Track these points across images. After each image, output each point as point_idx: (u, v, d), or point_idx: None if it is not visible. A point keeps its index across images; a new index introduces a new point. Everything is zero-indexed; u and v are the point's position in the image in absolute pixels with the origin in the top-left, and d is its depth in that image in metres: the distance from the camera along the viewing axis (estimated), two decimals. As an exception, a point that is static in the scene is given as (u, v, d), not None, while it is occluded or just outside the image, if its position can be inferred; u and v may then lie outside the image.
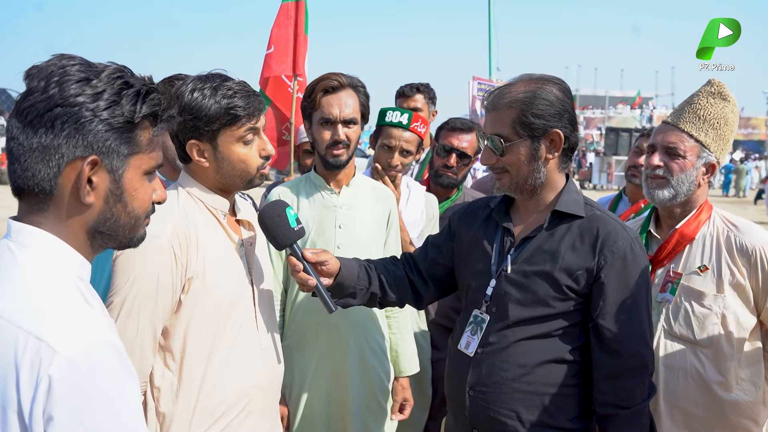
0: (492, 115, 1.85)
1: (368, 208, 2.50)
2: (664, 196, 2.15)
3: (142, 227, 1.22)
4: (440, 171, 3.13)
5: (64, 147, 1.06)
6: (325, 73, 2.41)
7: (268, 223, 1.84)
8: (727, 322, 2.06)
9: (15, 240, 1.09)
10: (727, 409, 2.08)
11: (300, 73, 4.34)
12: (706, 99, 2.16)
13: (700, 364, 2.08)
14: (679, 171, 2.13)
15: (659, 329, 2.13)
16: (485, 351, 1.85)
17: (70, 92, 1.06)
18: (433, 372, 3.02)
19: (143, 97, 1.12)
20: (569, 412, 1.82)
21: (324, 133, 2.38)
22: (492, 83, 7.80)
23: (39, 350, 0.96)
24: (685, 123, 2.15)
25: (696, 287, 2.10)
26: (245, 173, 1.78)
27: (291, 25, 4.27)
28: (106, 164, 1.10)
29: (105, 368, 1.00)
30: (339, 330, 2.37)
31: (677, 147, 2.14)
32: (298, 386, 2.40)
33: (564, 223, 1.84)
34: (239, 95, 1.72)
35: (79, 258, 1.13)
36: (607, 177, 24.73)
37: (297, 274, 1.85)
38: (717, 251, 2.11)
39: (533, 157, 1.82)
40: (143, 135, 1.14)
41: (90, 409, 0.97)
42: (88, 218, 1.12)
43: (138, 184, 1.16)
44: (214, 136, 1.73)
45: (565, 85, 1.88)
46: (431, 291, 2.11)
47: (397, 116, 2.87)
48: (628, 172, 3.61)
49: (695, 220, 2.16)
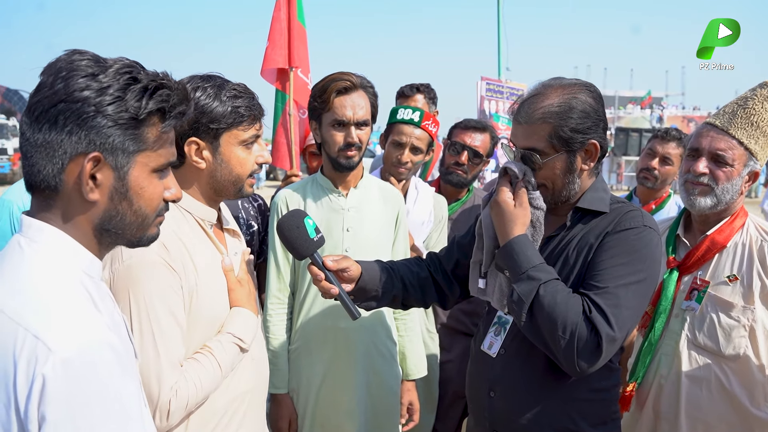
0: (525, 128, 1.76)
1: (376, 210, 2.47)
2: (705, 204, 2.05)
3: (153, 226, 1.19)
4: (451, 168, 3.12)
5: (67, 143, 1.05)
6: (335, 73, 2.36)
7: (288, 235, 1.81)
8: (756, 335, 1.97)
9: (25, 235, 1.09)
10: (754, 425, 1.99)
11: (296, 66, 4.24)
12: (761, 104, 2.01)
13: (726, 378, 2.00)
14: (725, 180, 2.02)
15: (683, 338, 2.06)
16: (508, 352, 1.83)
17: (74, 87, 1.04)
18: (442, 374, 3.00)
19: (150, 93, 1.10)
20: (591, 417, 1.77)
21: (336, 135, 2.34)
22: (501, 83, 7.73)
23: (35, 348, 0.95)
24: (736, 129, 2.02)
25: (724, 297, 2.01)
26: (239, 179, 1.75)
27: (285, 19, 4.20)
28: (110, 161, 1.08)
29: (100, 369, 0.98)
30: (347, 333, 2.36)
31: (726, 155, 2.02)
32: (305, 390, 2.39)
33: (586, 219, 1.80)
34: (244, 97, 1.71)
35: (87, 255, 1.12)
36: (617, 177, 24.61)
37: (319, 284, 1.82)
38: (749, 261, 2.02)
39: (569, 169, 1.76)
40: (150, 132, 1.12)
41: (83, 409, 0.96)
42: (94, 215, 1.11)
43: (145, 182, 1.13)
44: (217, 135, 1.70)
45: (597, 90, 1.81)
46: (457, 291, 2.09)
47: (408, 113, 2.86)
48: (639, 174, 3.55)
49: (729, 227, 2.07)
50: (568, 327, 1.60)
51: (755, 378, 1.98)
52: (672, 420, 2.06)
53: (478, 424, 1.93)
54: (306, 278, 2.39)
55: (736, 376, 2.00)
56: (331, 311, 2.36)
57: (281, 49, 4.16)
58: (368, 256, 2.19)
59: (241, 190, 1.78)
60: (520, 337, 1.81)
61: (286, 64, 4.20)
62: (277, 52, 4.16)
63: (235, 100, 1.69)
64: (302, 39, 4.28)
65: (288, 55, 4.20)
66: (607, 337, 1.59)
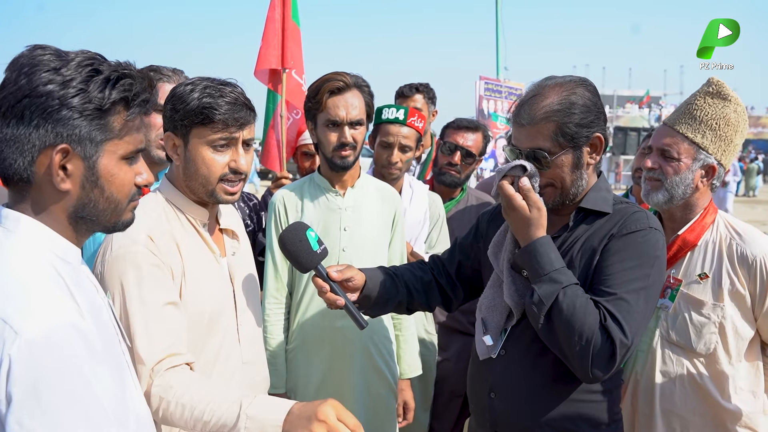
0: (528, 129, 1.75)
1: (373, 210, 2.48)
2: (658, 198, 2.12)
3: (127, 212, 1.23)
4: (444, 169, 3.12)
5: (35, 136, 1.09)
6: (329, 73, 2.39)
7: (291, 249, 1.82)
8: (725, 331, 2.02)
9: (3, 225, 1.13)
10: (726, 418, 2.05)
11: (289, 67, 4.22)
12: (703, 99, 2.11)
13: (697, 373, 2.05)
14: (673, 173, 2.09)
15: (657, 335, 2.10)
16: (508, 353, 1.83)
17: (38, 82, 1.08)
18: (439, 372, 3.01)
19: (113, 83, 1.13)
20: (592, 419, 1.77)
21: (330, 135, 2.36)
22: (499, 83, 7.74)
23: (3, 331, 0.99)
24: (680, 124, 2.11)
25: (695, 295, 2.06)
26: (207, 181, 1.69)
27: (279, 19, 4.17)
28: (78, 151, 1.12)
29: (65, 350, 1.01)
30: (345, 333, 2.36)
31: (671, 149, 2.10)
32: (303, 390, 2.39)
33: (589, 220, 1.80)
34: (226, 101, 1.65)
35: (62, 242, 1.16)
36: (615, 176, 24.64)
37: (324, 295, 1.83)
38: (718, 259, 2.07)
39: (576, 165, 1.76)
40: (116, 120, 1.15)
41: (47, 389, 0.98)
42: (67, 204, 1.15)
43: (115, 169, 1.17)
44: (187, 132, 1.69)
45: (592, 84, 1.82)
46: (460, 293, 2.09)
47: (393, 113, 2.85)
48: (634, 174, 3.59)
49: (699, 225, 2.12)
50: (584, 334, 1.61)
51: (725, 372, 2.04)
52: (648, 414, 2.11)
53: (480, 425, 1.93)
54: (303, 278, 2.39)
55: (707, 371, 2.05)
56: (329, 311, 2.35)
57: (274, 49, 4.16)
58: (365, 255, 2.20)
59: (213, 194, 1.71)
60: (521, 339, 1.81)
61: (278, 64, 4.20)
62: (271, 52, 4.15)
63: (214, 100, 1.64)
64: (296, 39, 4.27)
65: (281, 55, 4.19)
66: (621, 345, 1.61)
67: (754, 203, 22.78)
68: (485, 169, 7.00)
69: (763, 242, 2.06)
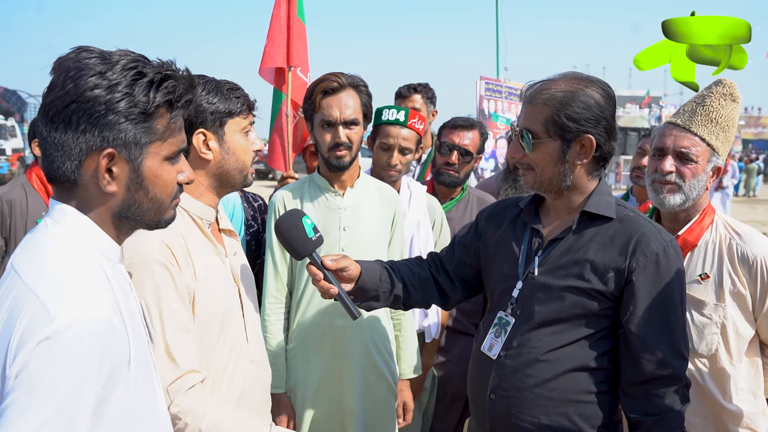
0: (527, 108, 1.78)
1: (373, 210, 2.48)
2: (675, 201, 2.09)
3: (169, 209, 1.27)
4: (442, 169, 3.12)
5: (82, 141, 1.11)
6: (324, 74, 2.40)
7: (286, 235, 1.82)
8: (726, 331, 2.02)
9: (51, 216, 1.16)
10: (726, 419, 2.05)
11: (295, 65, 4.17)
12: (718, 101, 2.08)
13: (699, 373, 2.05)
14: (692, 177, 2.06)
15: None
16: (508, 354, 1.82)
17: (84, 87, 1.09)
18: (440, 374, 3.01)
19: (157, 86, 1.15)
20: (593, 420, 1.76)
21: (325, 136, 2.37)
22: (499, 83, 7.73)
23: (39, 313, 1.00)
24: (698, 126, 2.07)
25: (696, 296, 2.06)
26: (245, 166, 1.81)
27: (284, 16, 4.14)
28: (124, 155, 1.14)
29: (88, 341, 1.01)
30: (345, 332, 2.36)
31: (690, 152, 2.06)
32: (303, 390, 2.40)
33: (594, 224, 1.79)
34: (239, 89, 1.80)
35: (106, 238, 1.18)
36: (615, 177, 24.66)
37: (318, 283, 1.82)
38: (719, 259, 2.07)
39: (560, 159, 1.75)
40: (160, 123, 1.18)
41: (46, 380, 0.97)
42: (113, 205, 1.18)
43: (158, 170, 1.20)
44: (222, 124, 1.76)
45: (610, 90, 1.79)
46: (458, 292, 2.08)
47: (393, 114, 2.83)
48: (632, 173, 3.58)
49: (698, 226, 2.12)
50: None
51: (726, 373, 2.04)
52: None
53: (480, 425, 1.92)
54: (303, 277, 2.39)
55: (709, 372, 2.05)
56: (329, 310, 2.36)
57: (280, 47, 4.12)
58: (365, 255, 2.19)
59: (246, 179, 1.83)
60: (521, 339, 1.81)
61: (284, 63, 4.16)
62: (276, 50, 4.11)
63: (234, 92, 1.78)
64: (302, 37, 4.22)
65: (287, 53, 4.15)
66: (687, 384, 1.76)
67: (754, 203, 22.77)
68: (486, 169, 7.00)
69: (763, 242, 2.05)
